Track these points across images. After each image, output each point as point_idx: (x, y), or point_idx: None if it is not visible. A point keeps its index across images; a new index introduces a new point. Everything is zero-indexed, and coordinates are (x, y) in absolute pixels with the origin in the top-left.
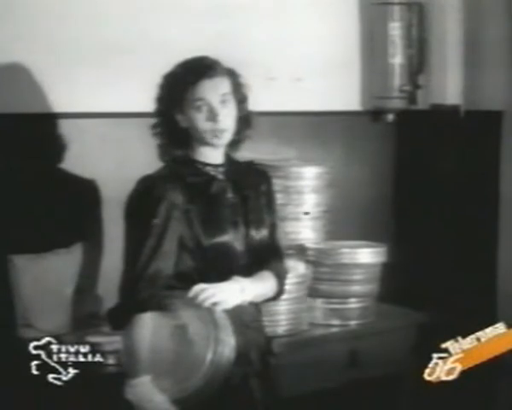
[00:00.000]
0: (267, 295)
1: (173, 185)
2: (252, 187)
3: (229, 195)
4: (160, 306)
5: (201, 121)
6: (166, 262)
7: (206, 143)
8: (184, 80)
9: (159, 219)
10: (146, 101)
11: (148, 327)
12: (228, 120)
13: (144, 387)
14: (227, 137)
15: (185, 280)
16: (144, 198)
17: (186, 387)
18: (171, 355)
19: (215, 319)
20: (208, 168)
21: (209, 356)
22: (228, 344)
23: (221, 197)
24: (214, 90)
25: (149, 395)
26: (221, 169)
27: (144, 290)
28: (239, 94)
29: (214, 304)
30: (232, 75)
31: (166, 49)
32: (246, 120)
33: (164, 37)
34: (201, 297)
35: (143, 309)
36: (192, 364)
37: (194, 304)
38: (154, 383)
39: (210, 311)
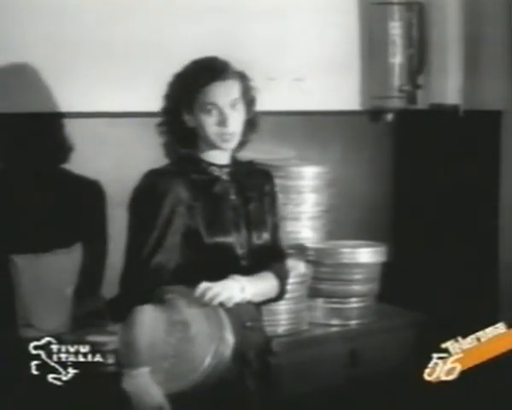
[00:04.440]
0: (267, 295)
1: (178, 181)
2: (255, 189)
3: (232, 196)
4: (161, 299)
5: (210, 125)
6: (169, 256)
7: (213, 146)
8: (196, 81)
9: (163, 213)
10: (146, 100)
11: (149, 319)
12: (237, 124)
13: (142, 378)
14: (235, 140)
15: (185, 276)
16: (149, 191)
17: (183, 383)
18: (170, 350)
19: (220, 318)
20: (213, 168)
21: (211, 355)
22: (228, 344)
23: (224, 198)
24: (225, 95)
25: (147, 386)
26: (226, 170)
27: (146, 282)
28: (248, 97)
29: (219, 303)
30: (242, 78)
31: (166, 49)
32: (252, 123)
33: (164, 37)
34: (209, 296)
35: (144, 301)
36: (192, 361)
37: (199, 302)
38: (151, 375)
39: (215, 310)
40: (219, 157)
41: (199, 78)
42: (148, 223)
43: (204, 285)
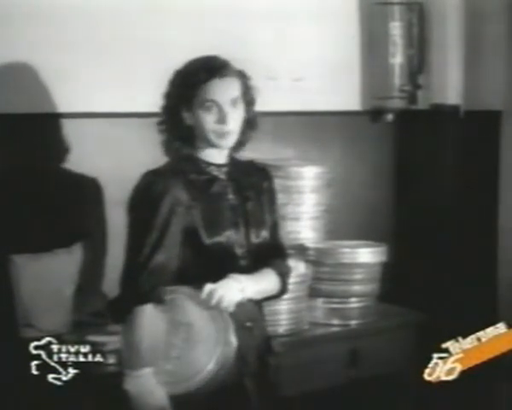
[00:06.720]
0: (268, 292)
1: (177, 181)
2: (253, 187)
3: (230, 196)
4: (161, 299)
5: (209, 122)
6: (169, 256)
7: (211, 144)
8: (196, 78)
9: (161, 213)
10: (146, 101)
11: (150, 320)
12: (235, 122)
13: (145, 379)
14: (233, 139)
15: (184, 277)
16: (148, 192)
17: (186, 385)
18: (173, 352)
19: (225, 321)
20: (211, 168)
21: (215, 358)
22: (232, 347)
23: (222, 198)
24: (225, 92)
25: (150, 387)
26: (224, 169)
27: (146, 282)
28: (248, 96)
29: (224, 304)
30: (242, 77)
31: (166, 49)
32: (251, 122)
33: (164, 37)
34: (215, 299)
35: (145, 301)
36: (196, 363)
37: (205, 303)
38: (155, 376)
39: (220, 312)
40: (217, 156)
41: (199, 74)
42: (147, 223)
43: (209, 287)
